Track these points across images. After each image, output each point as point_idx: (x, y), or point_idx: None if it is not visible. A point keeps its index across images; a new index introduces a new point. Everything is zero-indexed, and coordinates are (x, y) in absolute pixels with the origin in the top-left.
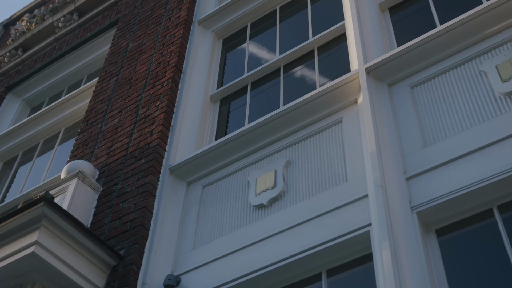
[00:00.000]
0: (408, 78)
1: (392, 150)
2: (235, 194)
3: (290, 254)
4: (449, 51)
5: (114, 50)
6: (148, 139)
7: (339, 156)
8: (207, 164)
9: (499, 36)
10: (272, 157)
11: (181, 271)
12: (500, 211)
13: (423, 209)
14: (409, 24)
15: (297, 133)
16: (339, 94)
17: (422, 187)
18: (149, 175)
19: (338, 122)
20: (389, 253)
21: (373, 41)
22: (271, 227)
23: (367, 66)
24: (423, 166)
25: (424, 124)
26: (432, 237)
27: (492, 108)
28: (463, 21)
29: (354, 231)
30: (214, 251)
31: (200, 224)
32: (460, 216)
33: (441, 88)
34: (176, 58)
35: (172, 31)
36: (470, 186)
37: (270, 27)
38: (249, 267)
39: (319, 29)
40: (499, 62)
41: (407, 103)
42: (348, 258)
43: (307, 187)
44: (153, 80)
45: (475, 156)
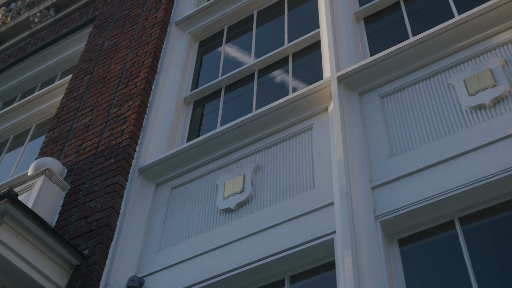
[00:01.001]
0: (378, 88)
1: (359, 159)
2: (203, 197)
3: (254, 259)
4: (420, 63)
5: (89, 47)
6: (118, 139)
7: (308, 163)
8: (177, 166)
9: (468, 51)
10: (242, 161)
11: (145, 273)
12: (461, 223)
13: (386, 218)
14: (383, 35)
15: (268, 138)
16: (311, 101)
17: (387, 196)
18: (117, 175)
19: (309, 129)
20: (351, 261)
21: (346, 50)
22: (237, 232)
23: (339, 74)
24: (389, 176)
25: (392, 134)
26: (394, 246)
27: (458, 121)
28: (434, 34)
29: (318, 238)
30: (179, 254)
31: (166, 226)
32: (422, 226)
33: (410, 99)
34: (151, 59)
35: (149, 31)
36: (433, 197)
37: (247, 32)
38: (213, 271)
39: (295, 36)
40: (467, 76)
41: (377, 112)
42: (312, 265)
43: (275, 192)
44: (127, 80)
45: (439, 168)
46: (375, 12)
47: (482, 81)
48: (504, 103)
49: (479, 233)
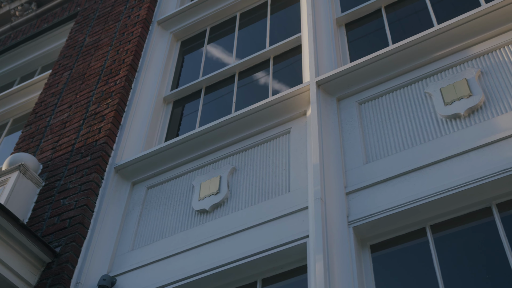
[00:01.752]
0: (357, 94)
1: (335, 164)
2: (179, 198)
3: (227, 261)
4: (398, 71)
5: (70, 43)
6: (95, 136)
7: (284, 166)
8: (154, 166)
9: (445, 60)
10: (219, 162)
11: (117, 272)
12: (433, 231)
13: (359, 224)
14: (364, 41)
15: (246, 141)
16: (289, 105)
17: (361, 202)
18: (93, 172)
19: (286, 132)
20: (322, 266)
21: (326, 55)
22: (211, 233)
23: (318, 79)
24: (363, 182)
25: (368, 141)
26: (366, 252)
27: (433, 130)
28: (413, 43)
29: (291, 242)
30: (153, 254)
31: (141, 226)
32: (394, 233)
33: (387, 107)
34: (131, 57)
35: (130, 29)
36: (406, 204)
37: (229, 33)
38: (186, 271)
39: (277, 39)
40: (443, 85)
41: (354, 118)
42: (284, 269)
43: (250, 195)
44: (107, 77)
45: (413, 176)
46: (356, 19)
47: (458, 91)
48: (479, 113)
49: (449, 241)
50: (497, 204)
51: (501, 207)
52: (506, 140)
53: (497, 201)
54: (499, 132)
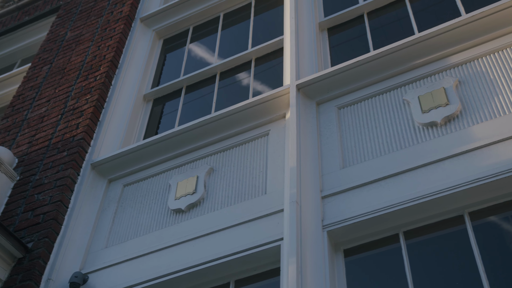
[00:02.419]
0: (336, 99)
1: (312, 168)
2: (155, 196)
3: (201, 262)
4: (378, 77)
5: (51, 37)
6: (73, 132)
7: (262, 168)
8: (131, 163)
9: (425, 68)
10: (197, 162)
11: (90, 269)
12: (406, 237)
13: (333, 228)
14: (345, 46)
15: (224, 141)
16: (269, 107)
17: (336, 207)
18: (69, 168)
19: (265, 134)
20: (295, 269)
21: (307, 59)
22: (185, 233)
23: (298, 82)
24: (339, 186)
25: (345, 146)
26: (340, 256)
27: (410, 137)
28: (394, 50)
29: (265, 244)
30: (126, 252)
31: (116, 223)
32: (368, 238)
33: (366, 112)
34: (113, 53)
35: (113, 25)
36: (380, 210)
37: (212, 33)
38: (159, 271)
39: (259, 41)
40: (421, 93)
41: (333, 123)
42: (257, 271)
43: (227, 196)
44: (87, 73)
45: (388, 182)
46: (339, 24)
47: (436, 99)
48: (455, 122)
49: (422, 248)
50: (470, 212)
51: (473, 215)
52: (480, 150)
53: (469, 210)
54: (474, 142)
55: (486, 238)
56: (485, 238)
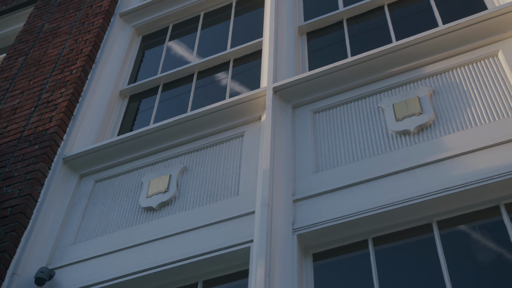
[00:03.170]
0: (312, 103)
1: (285, 171)
2: (127, 194)
3: (169, 261)
4: (354, 83)
5: (27, 28)
6: (46, 125)
7: (235, 169)
8: (104, 159)
9: (401, 77)
10: (170, 161)
11: (56, 265)
12: (374, 243)
13: (303, 232)
14: (324, 51)
15: (199, 141)
16: (245, 108)
17: (307, 211)
18: (40, 162)
19: (240, 136)
20: (263, 271)
21: (285, 62)
22: (156, 231)
23: (275, 85)
24: (311, 190)
25: (319, 150)
26: (309, 260)
27: (383, 144)
28: (371, 57)
29: (235, 245)
30: (95, 249)
31: (85, 219)
32: (337, 243)
33: (340, 118)
34: (90, 47)
35: (91, 19)
36: (350, 216)
37: (191, 32)
38: (127, 268)
39: (238, 42)
40: (396, 101)
41: (307, 127)
42: (226, 272)
43: (199, 195)
44: (63, 66)
45: (360, 188)
46: (318, 28)
47: (410, 108)
48: (428, 131)
49: (390, 255)
50: (438, 221)
51: (441, 224)
52: (450, 160)
53: (438, 218)
54: (445, 152)
55: (453, 247)
56: (452, 247)
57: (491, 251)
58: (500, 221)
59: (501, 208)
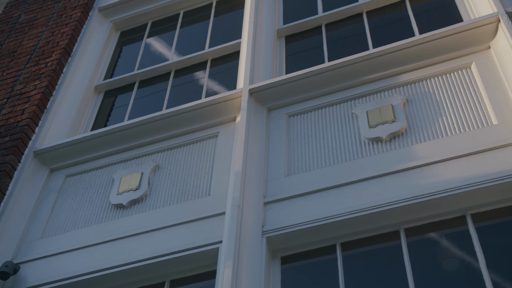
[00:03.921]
0: (287, 107)
1: (257, 173)
2: (97, 190)
3: (137, 259)
4: (330, 89)
5: (3, 18)
6: (18, 117)
7: (207, 170)
8: (76, 154)
9: (376, 84)
10: (143, 158)
11: (22, 259)
12: (342, 249)
13: (273, 235)
14: (302, 55)
15: (172, 140)
16: (220, 109)
17: (277, 213)
18: (10, 154)
19: (214, 136)
20: (231, 273)
21: (263, 64)
22: (125, 229)
23: (251, 87)
24: (282, 193)
25: (292, 154)
26: (277, 263)
27: (355, 150)
28: (347, 63)
29: (204, 246)
30: (62, 244)
31: (54, 214)
32: (306, 247)
33: (315, 122)
34: (66, 41)
35: (69, 12)
36: (320, 220)
37: (170, 30)
38: (94, 265)
39: (217, 42)
40: (370, 108)
41: (282, 130)
42: (194, 272)
43: (170, 194)
44: (38, 58)
45: (330, 192)
46: (297, 32)
47: (383, 115)
48: (400, 139)
49: (357, 260)
50: (405, 228)
51: (408, 232)
52: (420, 168)
53: (405, 226)
54: (415, 160)
55: (419, 254)
56: (418, 255)
57: (456, 259)
58: (465, 230)
59: (467, 217)
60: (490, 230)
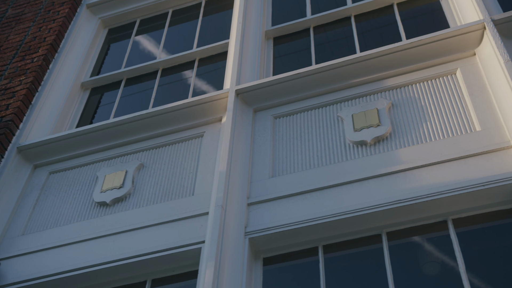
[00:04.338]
0: (273, 108)
1: (241, 174)
2: (81, 187)
3: (120, 257)
4: (316, 91)
5: None
6: (2, 113)
7: (192, 169)
8: (60, 151)
9: (362, 88)
10: (127, 157)
11: (3, 255)
12: (325, 251)
13: (255, 236)
14: (289, 57)
15: (158, 138)
16: (206, 109)
17: (260, 215)
18: None
19: (200, 136)
20: (212, 273)
21: (250, 65)
22: (107, 227)
23: (238, 88)
24: (266, 195)
25: (277, 155)
26: (259, 264)
27: (340, 153)
28: (334, 66)
29: (187, 245)
30: (44, 241)
31: (36, 211)
32: (288, 249)
33: (300, 124)
34: (54, 36)
35: (57, 8)
36: (302, 222)
37: (159, 28)
38: (76, 263)
39: (205, 42)
40: (356, 111)
41: (267, 131)
42: (176, 271)
43: (154, 193)
44: (24, 53)
45: (314, 195)
46: (285, 34)
47: (368, 119)
48: (384, 143)
49: (339, 263)
50: (387, 232)
51: (390, 236)
52: (403, 173)
53: (387, 230)
54: (399, 164)
55: (400, 258)
56: (400, 259)
57: (437, 264)
58: (447, 235)
59: (448, 222)
60: (470, 236)
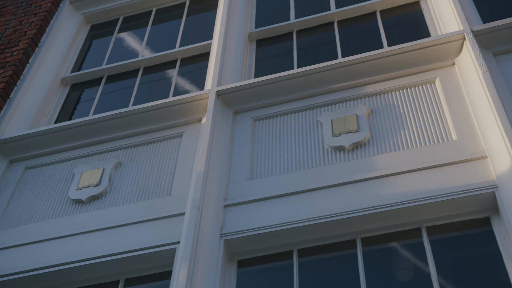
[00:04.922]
0: (253, 111)
1: (219, 175)
2: (57, 184)
3: (93, 256)
4: (297, 95)
5: None
6: None
7: (170, 169)
8: (37, 146)
9: (342, 93)
10: (105, 154)
11: None
12: (299, 255)
13: (231, 238)
14: (271, 60)
15: (136, 137)
16: (186, 109)
17: (236, 217)
18: None
19: (179, 136)
20: (186, 274)
21: (232, 67)
22: (82, 225)
23: (218, 89)
24: (243, 197)
25: (255, 158)
26: (233, 267)
27: (318, 158)
28: (315, 71)
29: (161, 245)
30: (18, 237)
31: (10, 206)
32: (263, 252)
33: (280, 128)
34: (35, 31)
35: (39, 2)
36: (278, 225)
37: (142, 26)
38: (49, 260)
39: (188, 42)
40: (335, 117)
41: (246, 134)
42: (150, 271)
43: (131, 192)
44: (4, 47)
45: (291, 198)
46: (268, 37)
47: (347, 124)
48: (362, 149)
49: (313, 267)
50: (362, 238)
51: (364, 241)
52: (380, 179)
53: (362, 235)
54: (376, 171)
55: (374, 264)
56: (373, 264)
57: (410, 270)
58: (420, 242)
59: (422, 230)
60: (443, 243)
